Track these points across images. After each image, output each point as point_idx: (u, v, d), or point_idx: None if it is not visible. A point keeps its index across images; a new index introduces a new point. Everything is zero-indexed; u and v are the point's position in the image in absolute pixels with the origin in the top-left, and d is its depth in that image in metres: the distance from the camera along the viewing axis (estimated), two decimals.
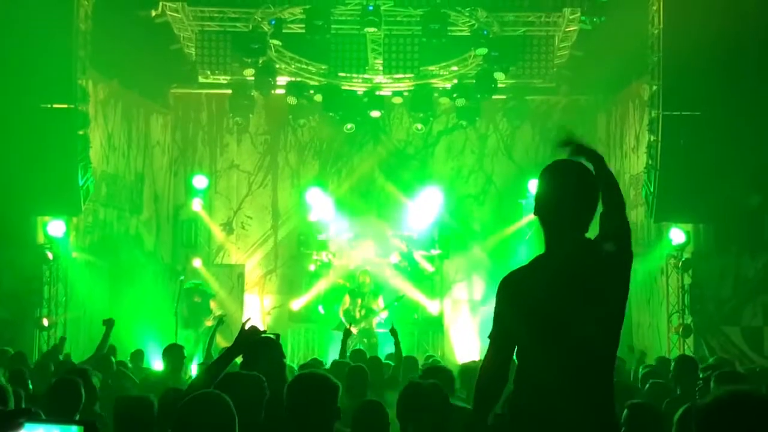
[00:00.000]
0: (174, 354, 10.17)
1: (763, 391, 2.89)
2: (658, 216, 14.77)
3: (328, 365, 10.03)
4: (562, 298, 3.94)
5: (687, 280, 15.23)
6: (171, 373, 9.92)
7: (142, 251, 18.82)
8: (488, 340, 4.17)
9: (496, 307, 4.17)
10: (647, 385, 8.13)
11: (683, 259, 15.26)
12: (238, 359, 5.35)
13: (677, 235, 15.19)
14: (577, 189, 4.09)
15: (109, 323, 11.07)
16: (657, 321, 16.07)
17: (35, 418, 2.88)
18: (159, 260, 19.36)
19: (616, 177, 4.25)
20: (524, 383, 4.02)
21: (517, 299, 4.07)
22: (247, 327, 5.09)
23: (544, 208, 4.13)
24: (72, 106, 14.44)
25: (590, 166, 4.18)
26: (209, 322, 17.19)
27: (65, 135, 14.36)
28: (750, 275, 14.65)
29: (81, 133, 14.64)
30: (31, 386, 7.82)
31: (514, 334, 4.08)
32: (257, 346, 5.16)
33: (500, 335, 4.12)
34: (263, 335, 5.19)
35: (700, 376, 8.30)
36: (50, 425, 2.86)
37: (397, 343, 10.19)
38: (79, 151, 14.55)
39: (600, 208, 4.13)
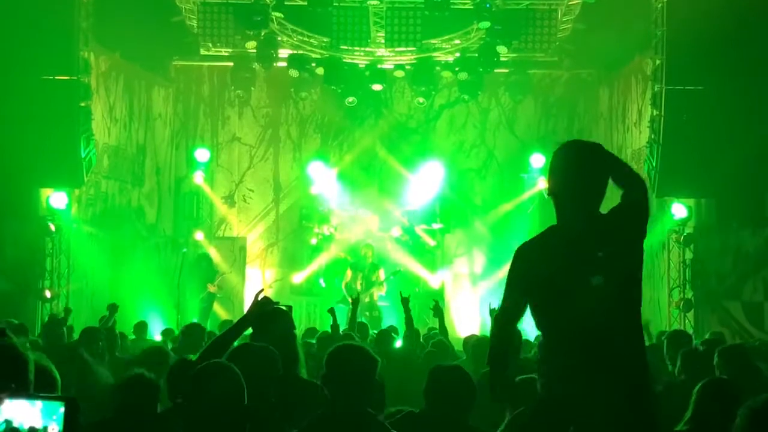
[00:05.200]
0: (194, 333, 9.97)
1: None
2: (660, 191, 14.78)
3: None
4: (574, 269, 4.01)
5: (688, 255, 15.29)
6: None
7: (143, 224, 18.83)
8: (497, 306, 4.32)
9: (509, 274, 4.27)
10: None
11: (685, 233, 15.30)
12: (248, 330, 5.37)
13: (679, 209, 15.22)
14: (590, 167, 4.18)
15: (112, 308, 11.11)
16: (658, 295, 16.12)
17: (17, 394, 2.91)
18: (161, 233, 19.37)
19: (618, 152, 4.36)
20: (549, 361, 4.13)
21: (531, 269, 4.16)
22: (260, 298, 5.11)
23: (558, 185, 4.18)
24: (74, 77, 14.43)
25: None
26: (212, 288, 17.28)
27: (67, 107, 14.35)
28: (751, 250, 14.69)
29: (83, 105, 14.63)
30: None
31: (524, 301, 4.21)
32: (268, 318, 5.17)
33: (512, 300, 4.24)
34: (275, 306, 5.21)
35: (700, 348, 8.33)
36: (32, 400, 2.88)
37: (407, 311, 10.06)
38: (81, 123, 14.55)
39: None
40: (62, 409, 2.84)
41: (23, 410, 2.84)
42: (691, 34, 13.72)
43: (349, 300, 16.46)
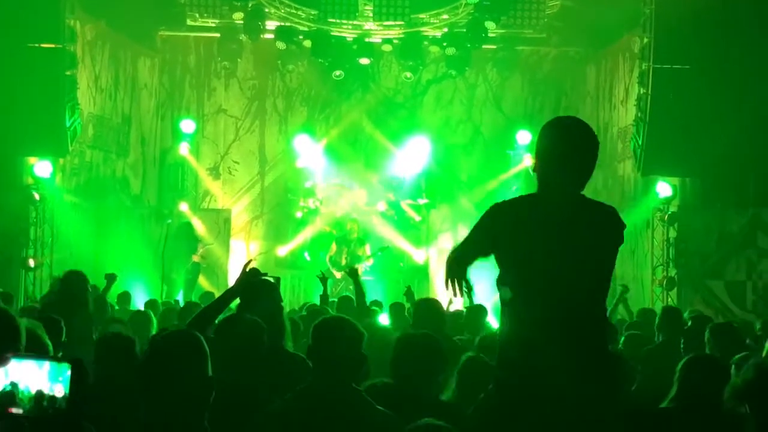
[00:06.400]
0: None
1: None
2: (646, 169, 14.83)
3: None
4: (552, 244, 3.95)
5: (672, 234, 15.34)
6: None
7: (128, 194, 18.75)
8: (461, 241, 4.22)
9: (478, 225, 4.15)
10: (622, 338, 8.15)
11: (669, 212, 15.35)
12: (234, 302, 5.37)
13: (664, 188, 15.26)
14: (580, 145, 4.09)
15: (110, 278, 11.10)
16: (641, 273, 16.20)
17: (24, 355, 2.90)
18: (145, 203, 19.29)
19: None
20: (512, 334, 4.06)
21: (505, 231, 4.06)
22: (248, 269, 5.11)
23: (545, 162, 4.12)
24: (59, 46, 14.33)
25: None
26: (196, 258, 17.25)
27: (52, 75, 14.27)
28: (734, 230, 14.76)
29: (68, 73, 14.54)
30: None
31: (486, 252, 4.12)
32: (256, 289, 5.18)
33: (474, 245, 4.16)
34: (263, 278, 5.21)
35: (688, 324, 8.44)
36: (39, 360, 2.87)
37: (356, 284, 9.77)
38: (67, 92, 14.47)
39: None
40: (69, 372, 2.82)
41: (29, 372, 2.83)
42: (679, 13, 13.74)
43: (335, 274, 16.53)
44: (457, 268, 4.12)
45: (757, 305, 14.43)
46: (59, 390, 2.80)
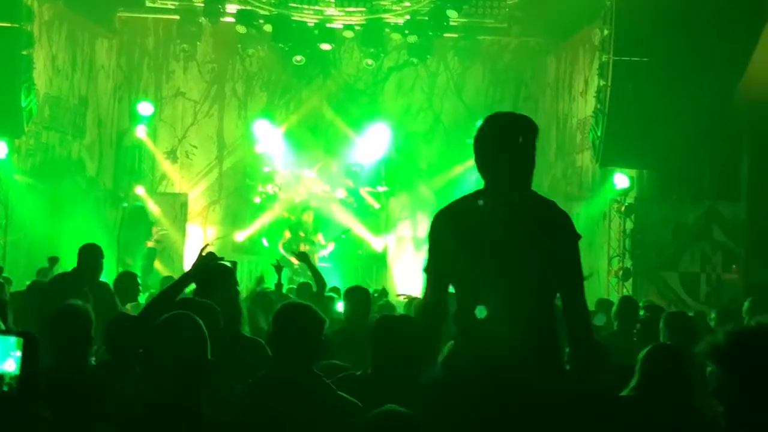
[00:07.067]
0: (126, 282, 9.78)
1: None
2: (604, 160, 14.92)
3: None
4: (507, 237, 3.93)
5: (629, 225, 15.47)
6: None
7: (83, 176, 18.55)
8: (425, 274, 4.13)
9: (434, 240, 4.10)
10: None
11: (626, 204, 15.48)
12: (190, 287, 5.32)
13: (621, 180, 15.38)
14: (513, 140, 4.06)
15: (53, 260, 10.98)
16: (598, 264, 16.31)
17: None
18: (101, 186, 19.09)
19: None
20: (466, 325, 4.04)
21: (461, 233, 4.02)
22: (204, 253, 5.06)
23: (484, 161, 4.10)
24: (16, 25, 14.12)
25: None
26: (151, 243, 17.10)
27: (9, 55, 14.08)
28: (690, 222, 14.91)
29: (25, 53, 14.34)
30: None
31: (454, 268, 4.05)
32: (213, 274, 5.13)
33: (439, 269, 4.10)
34: (219, 263, 5.16)
35: (641, 314, 8.60)
36: None
37: (311, 266, 9.72)
38: (23, 72, 14.29)
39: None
40: (18, 352, 2.74)
41: None
42: (640, 6, 13.81)
43: (292, 260, 16.45)
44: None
45: (711, 297, 14.59)
46: (10, 365, 2.72)
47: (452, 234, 4.02)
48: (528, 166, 4.05)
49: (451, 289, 4.14)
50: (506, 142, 4.05)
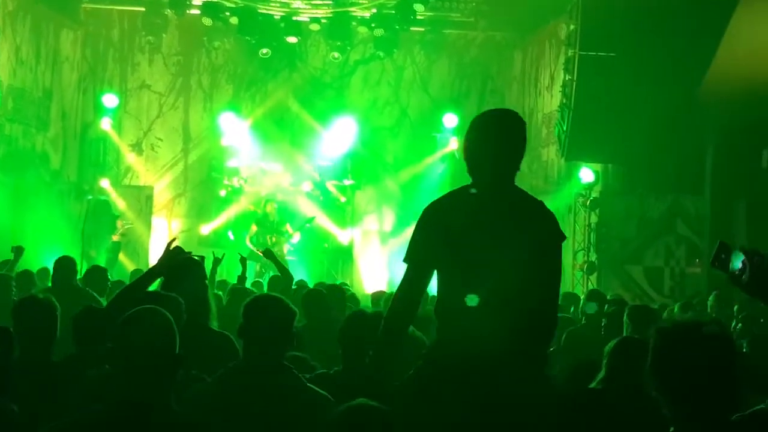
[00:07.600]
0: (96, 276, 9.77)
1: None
2: (570, 155, 15.00)
3: None
4: (490, 233, 3.97)
5: (594, 219, 15.58)
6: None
7: (47, 169, 18.37)
8: (407, 263, 4.13)
9: (424, 230, 4.12)
10: None
11: (591, 198, 15.58)
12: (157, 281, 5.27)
13: (586, 174, 15.48)
14: (509, 140, 4.14)
15: (18, 250, 10.83)
16: (563, 258, 16.37)
17: None
18: (65, 179, 18.92)
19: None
20: (448, 320, 4.06)
21: (445, 229, 4.05)
22: (171, 247, 5.02)
23: (475, 158, 4.13)
24: None
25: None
26: (116, 237, 16.97)
27: None
28: (654, 217, 15.05)
29: None
30: None
31: (435, 262, 4.09)
32: (180, 268, 5.09)
33: (425, 259, 4.11)
34: (187, 257, 5.12)
35: (605, 309, 8.65)
36: None
37: (276, 262, 9.71)
38: None
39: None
40: None
41: None
42: (606, 1, 13.88)
43: (259, 253, 16.38)
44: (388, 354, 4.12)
45: (674, 291, 14.75)
46: None
47: (442, 225, 4.06)
48: (518, 164, 4.14)
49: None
50: (505, 142, 4.13)
